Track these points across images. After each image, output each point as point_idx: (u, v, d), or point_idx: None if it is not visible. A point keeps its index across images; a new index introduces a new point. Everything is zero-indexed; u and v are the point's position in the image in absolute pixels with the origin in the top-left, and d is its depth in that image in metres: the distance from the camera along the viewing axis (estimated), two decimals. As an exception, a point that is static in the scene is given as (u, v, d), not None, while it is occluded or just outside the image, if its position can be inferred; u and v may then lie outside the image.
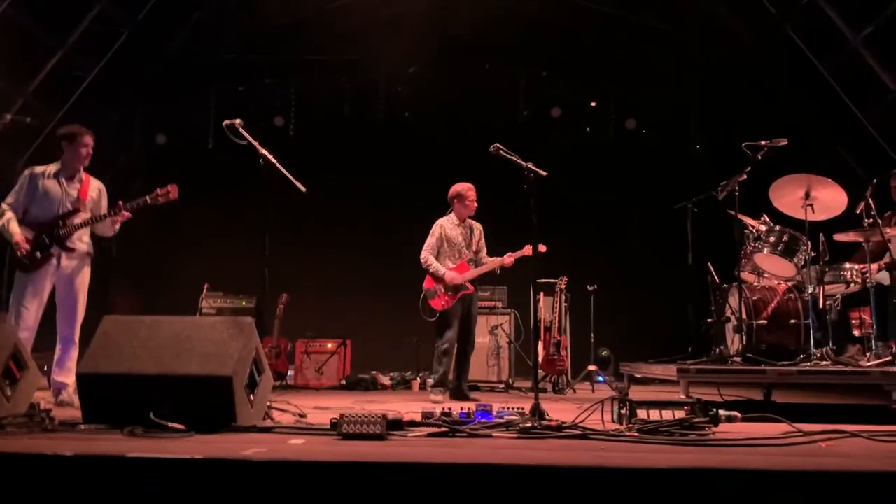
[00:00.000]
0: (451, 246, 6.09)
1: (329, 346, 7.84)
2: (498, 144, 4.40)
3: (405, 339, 8.56)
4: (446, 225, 6.15)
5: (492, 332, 7.74)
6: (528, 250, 5.89)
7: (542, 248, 5.90)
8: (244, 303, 8.36)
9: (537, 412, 3.58)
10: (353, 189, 9.49)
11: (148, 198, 5.00)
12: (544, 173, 4.20)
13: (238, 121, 4.29)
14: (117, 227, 5.11)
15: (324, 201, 9.00)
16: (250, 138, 4.27)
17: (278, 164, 4.35)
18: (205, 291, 8.34)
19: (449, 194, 6.18)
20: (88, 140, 5.06)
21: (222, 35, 9.41)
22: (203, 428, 3.08)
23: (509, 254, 6.03)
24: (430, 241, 6.10)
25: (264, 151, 4.30)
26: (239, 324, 3.50)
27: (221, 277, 8.61)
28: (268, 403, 3.72)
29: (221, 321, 3.54)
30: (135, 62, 8.86)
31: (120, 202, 5.00)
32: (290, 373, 7.91)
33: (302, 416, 3.90)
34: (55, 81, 7.98)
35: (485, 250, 6.23)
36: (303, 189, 4.51)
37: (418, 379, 7.52)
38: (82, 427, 3.18)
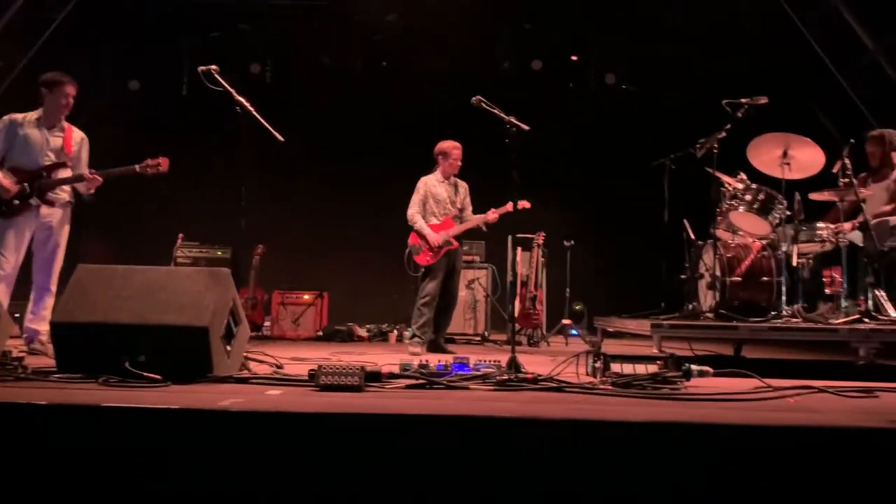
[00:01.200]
0: (437, 202, 6.09)
1: (305, 297, 7.82)
2: (480, 97, 4.35)
3: (383, 292, 8.58)
4: (430, 182, 6.13)
5: (469, 286, 7.77)
6: (510, 206, 5.88)
7: (525, 203, 5.92)
8: (219, 253, 8.28)
9: (513, 365, 3.62)
10: (331, 139, 9.38)
11: (136, 167, 4.88)
12: (526, 127, 4.17)
13: (214, 67, 4.18)
14: (92, 190, 5.01)
15: (302, 151, 8.87)
16: (226, 85, 4.17)
17: (255, 113, 4.26)
18: (179, 241, 8.25)
19: (434, 151, 6.16)
20: (70, 90, 4.91)
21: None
22: (179, 378, 3.07)
23: (493, 210, 6.04)
24: (415, 198, 6.10)
25: (241, 99, 4.20)
26: (215, 274, 3.46)
27: (196, 227, 8.52)
28: (244, 354, 3.71)
29: (198, 272, 3.51)
30: (107, 3, 8.57)
31: (89, 172, 4.90)
32: (267, 324, 7.90)
33: (279, 367, 3.89)
34: (24, 22, 7.70)
35: (470, 208, 6.24)
36: (280, 139, 4.43)
37: (395, 331, 7.56)
38: (56, 376, 3.14)
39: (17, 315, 6.05)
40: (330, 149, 9.41)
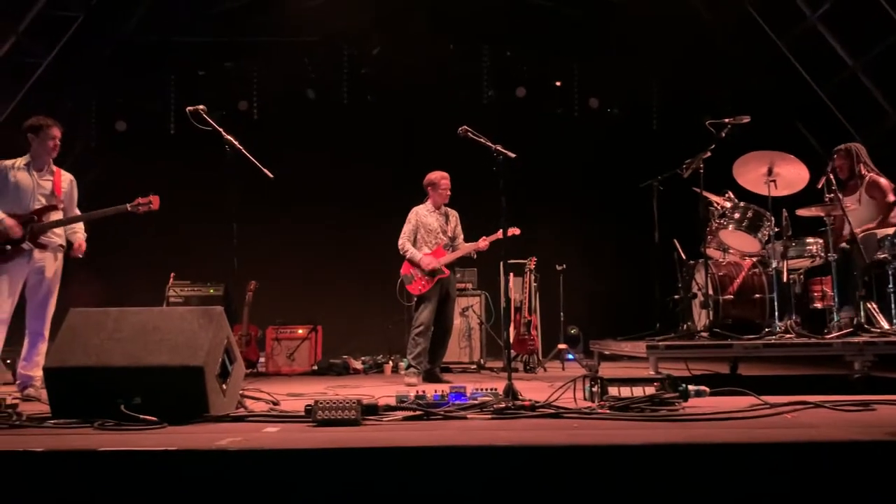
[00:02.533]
0: (428, 232, 6.13)
1: (300, 331, 7.80)
2: (466, 127, 4.41)
3: (376, 324, 8.56)
4: (421, 212, 6.19)
5: (463, 314, 7.77)
6: (500, 234, 5.91)
7: (515, 230, 5.94)
8: (212, 291, 8.27)
9: (510, 392, 3.62)
10: (320, 174, 9.39)
11: (128, 206, 4.89)
12: (512, 155, 4.22)
13: (201, 106, 4.23)
14: (80, 256, 5.03)
15: (291, 186, 8.90)
16: (214, 124, 4.21)
17: (244, 150, 4.30)
18: (171, 281, 8.23)
19: (424, 181, 6.23)
20: (55, 132, 4.93)
21: (179, 16, 9.19)
22: (176, 419, 3.06)
23: (483, 238, 6.07)
24: (406, 228, 6.15)
25: (229, 137, 4.24)
26: (209, 313, 3.46)
27: (188, 266, 8.50)
28: (240, 392, 3.70)
29: (191, 311, 3.51)
30: (90, 47, 8.63)
31: (79, 242, 4.95)
32: (261, 360, 7.86)
33: (275, 403, 3.88)
34: (8, 69, 7.75)
35: (461, 237, 6.28)
36: (270, 175, 4.46)
37: (390, 362, 7.53)
38: (51, 422, 3.12)
39: (9, 361, 6.01)
40: (319, 182, 9.43)
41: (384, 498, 2.28)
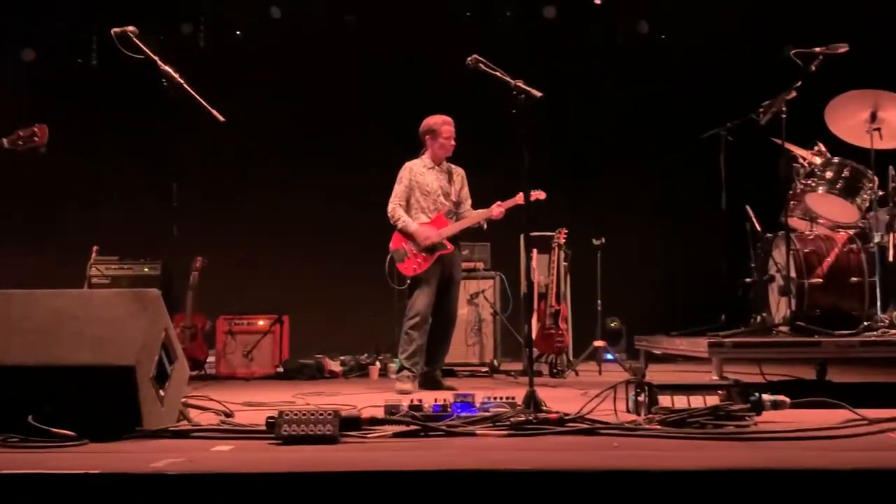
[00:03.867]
0: (425, 195, 6.07)
1: (260, 323, 7.81)
2: (477, 56, 4.37)
3: (359, 313, 8.56)
4: (416, 168, 6.12)
5: (472, 302, 7.77)
6: (520, 198, 5.87)
7: (540, 194, 5.89)
8: (147, 269, 8.26)
9: (532, 402, 3.62)
10: (287, 120, 9.37)
11: (5, 141, 4.84)
12: (538, 94, 4.18)
13: (131, 28, 4.18)
14: None
15: (250, 135, 8.89)
16: (149, 52, 4.17)
17: (187, 86, 4.26)
18: (94, 256, 8.23)
19: (420, 130, 6.14)
20: None
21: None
22: (100, 434, 3.06)
23: (498, 203, 6.02)
24: (397, 189, 6.09)
25: (167, 69, 4.20)
26: (142, 298, 3.45)
27: (116, 237, 8.51)
28: (183, 399, 3.71)
29: (118, 295, 3.50)
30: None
31: None
32: (211, 359, 7.88)
33: (228, 414, 3.89)
34: None
35: (469, 201, 6.24)
36: (221, 119, 4.43)
37: (378, 363, 7.54)
38: (-61, 437, 3.13)
39: None
40: (286, 130, 9.41)
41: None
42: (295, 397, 5.23)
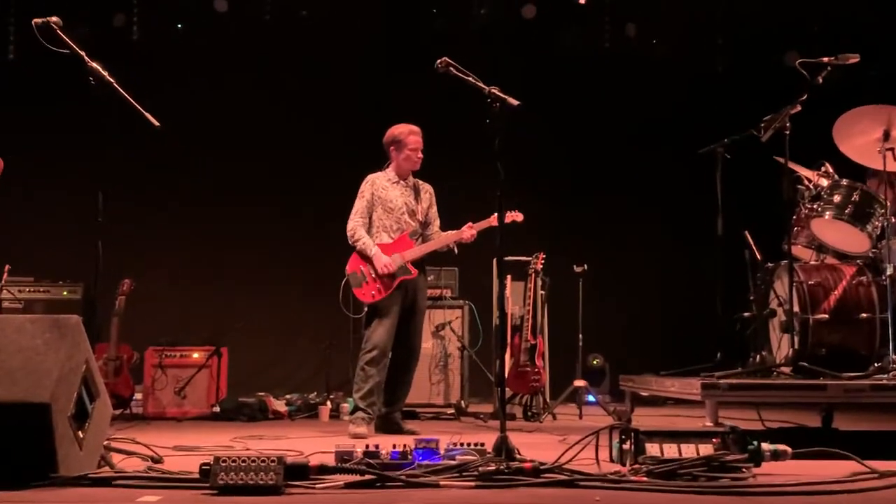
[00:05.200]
0: (388, 212, 6.06)
1: (195, 355, 7.74)
2: (447, 59, 4.38)
3: (309, 346, 8.52)
4: (379, 182, 6.12)
5: (437, 334, 7.75)
6: (494, 219, 5.89)
7: (517, 215, 5.93)
8: (65, 293, 8.19)
9: (504, 449, 3.60)
10: (231, 125, 9.32)
11: None
12: (515, 102, 4.19)
13: (54, 19, 4.15)
14: None
15: (188, 142, 8.84)
16: (74, 46, 4.14)
17: (117, 86, 4.24)
18: (5, 276, 8.12)
19: (384, 140, 6.14)
20: None
21: None
22: (9, 481, 3.02)
23: (469, 224, 6.04)
24: (358, 204, 6.08)
25: (95, 65, 4.17)
26: (60, 325, 3.42)
27: (30, 255, 8.41)
28: (105, 442, 3.67)
29: (33, 321, 3.46)
30: None
31: None
32: (138, 396, 7.80)
33: (157, 460, 3.86)
34: None
35: (437, 222, 6.25)
36: (156, 123, 4.41)
37: (328, 403, 7.51)
38: None
39: None
40: (229, 137, 9.37)
41: None
42: (233, 441, 5.19)
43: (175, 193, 9.36)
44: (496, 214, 4.64)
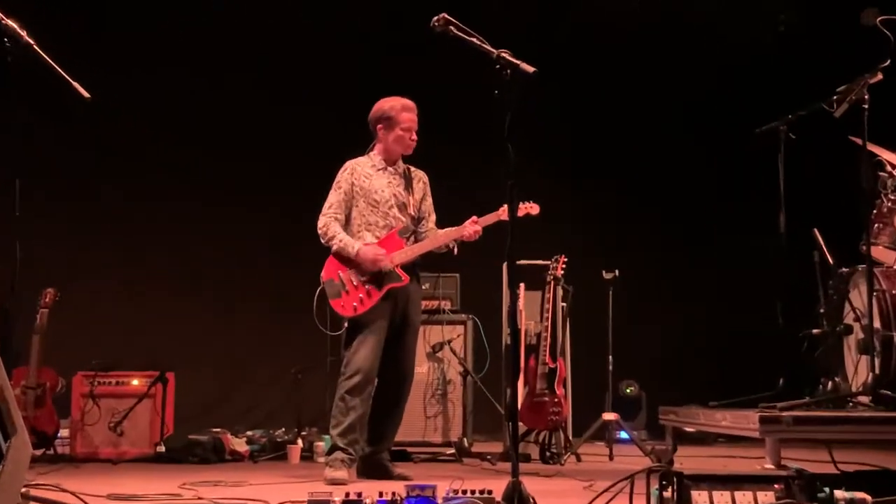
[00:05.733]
0: (372, 205, 6.05)
1: (134, 382, 7.76)
2: (446, 16, 4.38)
3: (276, 372, 8.53)
4: (362, 169, 6.10)
5: (433, 356, 7.76)
6: (504, 212, 5.89)
7: (532, 208, 5.94)
8: (-25, 306, 8.20)
9: (517, 498, 3.62)
10: (177, 106, 9.32)
11: None
12: (530, 69, 4.20)
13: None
14: None
15: (126, 121, 8.85)
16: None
17: (39, 51, 4.25)
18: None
19: (370, 117, 6.11)
20: None
21: None
22: None
23: (473, 219, 6.03)
24: (333, 197, 6.05)
25: (12, 24, 4.19)
26: (-32, 345, 3.44)
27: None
28: (23, 490, 3.68)
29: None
30: None
31: None
32: (65, 432, 7.80)
33: (88, 512, 3.88)
34: None
35: (433, 216, 6.24)
36: (86, 96, 4.42)
37: (299, 442, 7.52)
38: None
39: None
40: (178, 118, 9.37)
41: None
42: (182, 488, 5.15)
43: (113, 185, 9.35)
44: (506, 206, 4.63)
